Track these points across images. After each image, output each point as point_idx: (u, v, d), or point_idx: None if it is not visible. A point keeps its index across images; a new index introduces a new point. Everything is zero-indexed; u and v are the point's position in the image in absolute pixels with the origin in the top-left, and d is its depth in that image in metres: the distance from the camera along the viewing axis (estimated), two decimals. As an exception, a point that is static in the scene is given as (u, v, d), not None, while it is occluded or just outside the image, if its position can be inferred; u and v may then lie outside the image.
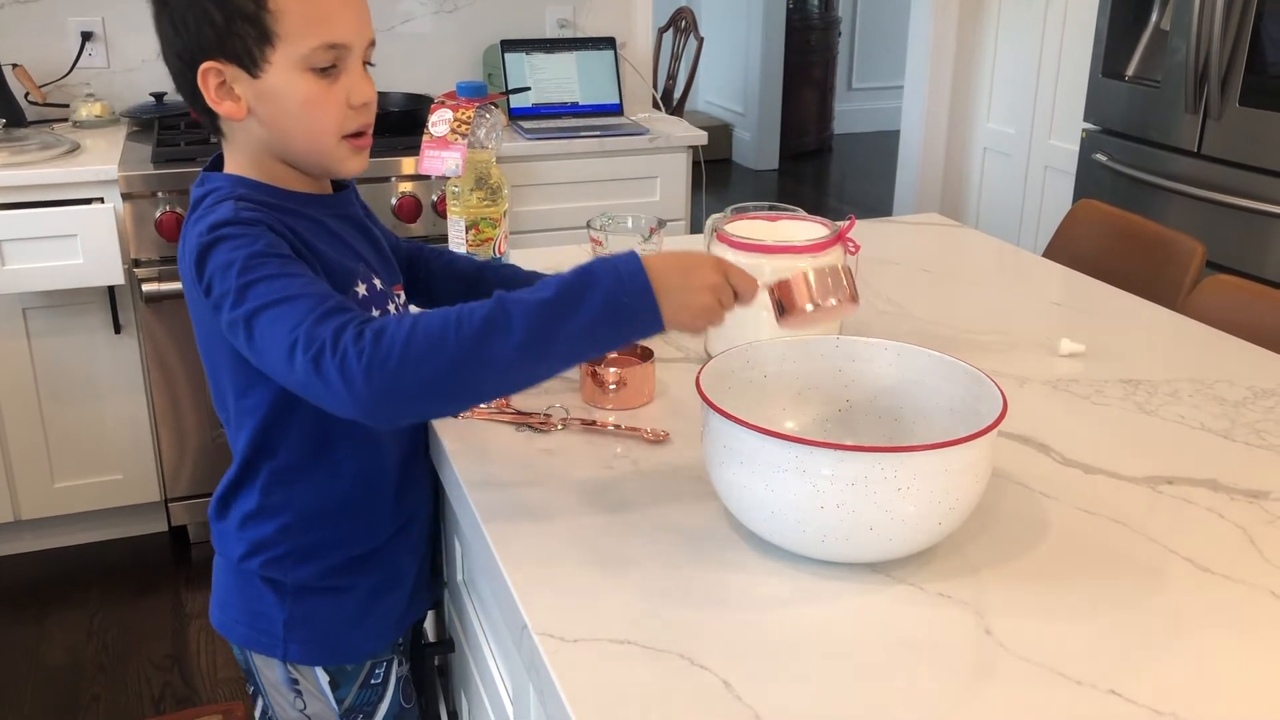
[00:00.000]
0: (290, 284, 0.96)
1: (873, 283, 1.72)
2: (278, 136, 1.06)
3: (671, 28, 5.03)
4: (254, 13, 1.01)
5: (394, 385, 0.90)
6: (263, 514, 1.16)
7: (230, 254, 0.98)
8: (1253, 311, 1.67)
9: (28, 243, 2.33)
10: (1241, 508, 1.09)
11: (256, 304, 0.96)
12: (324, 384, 0.91)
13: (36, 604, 2.54)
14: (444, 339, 0.91)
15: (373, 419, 0.93)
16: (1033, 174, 3.61)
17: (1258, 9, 2.43)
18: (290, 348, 0.93)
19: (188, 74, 1.04)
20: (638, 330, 0.96)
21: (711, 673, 0.84)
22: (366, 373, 0.90)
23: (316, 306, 0.94)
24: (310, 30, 1.02)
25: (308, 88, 1.04)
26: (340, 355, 0.90)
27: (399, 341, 0.90)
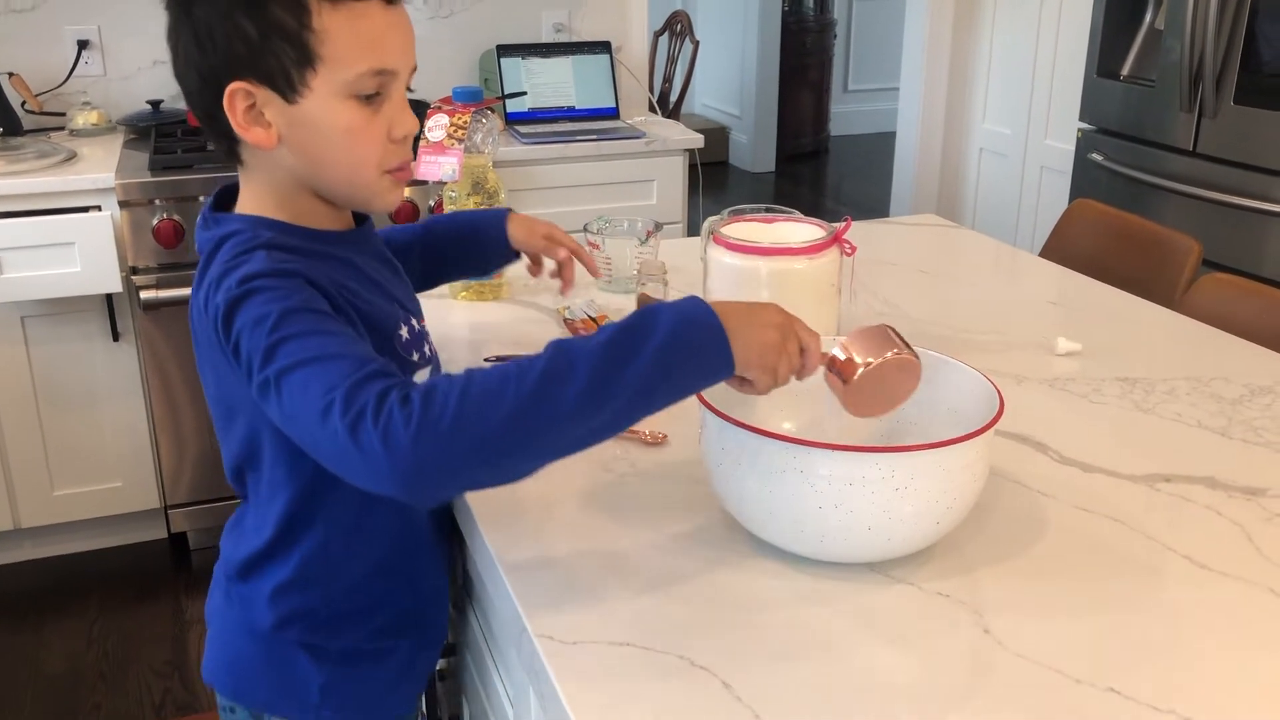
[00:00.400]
0: (327, 342, 0.86)
1: (870, 284, 1.73)
2: (312, 167, 0.97)
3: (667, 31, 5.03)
4: (296, 31, 0.90)
5: (444, 450, 0.79)
6: (300, 584, 1.06)
7: (263, 308, 0.88)
8: (1249, 309, 1.67)
9: (25, 251, 2.33)
10: (1239, 505, 1.09)
11: (288, 361, 0.85)
12: (360, 453, 0.79)
13: (36, 612, 2.54)
14: (501, 392, 0.80)
15: (412, 491, 0.81)
16: (1029, 174, 3.62)
17: (1251, 7, 2.43)
18: (324, 410, 0.81)
19: (209, 94, 0.93)
20: (707, 367, 0.87)
21: (711, 673, 0.84)
22: (415, 438, 0.78)
23: (358, 368, 0.83)
24: (358, 54, 0.92)
25: (350, 116, 0.94)
26: (384, 420, 0.79)
27: (452, 400, 0.79)
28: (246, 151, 0.97)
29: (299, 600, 1.07)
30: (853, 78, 7.26)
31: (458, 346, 1.51)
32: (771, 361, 0.90)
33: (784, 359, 0.91)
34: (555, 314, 1.59)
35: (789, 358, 0.92)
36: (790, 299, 1.31)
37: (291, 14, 0.90)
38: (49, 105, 2.83)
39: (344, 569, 1.07)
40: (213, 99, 0.93)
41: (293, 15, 0.90)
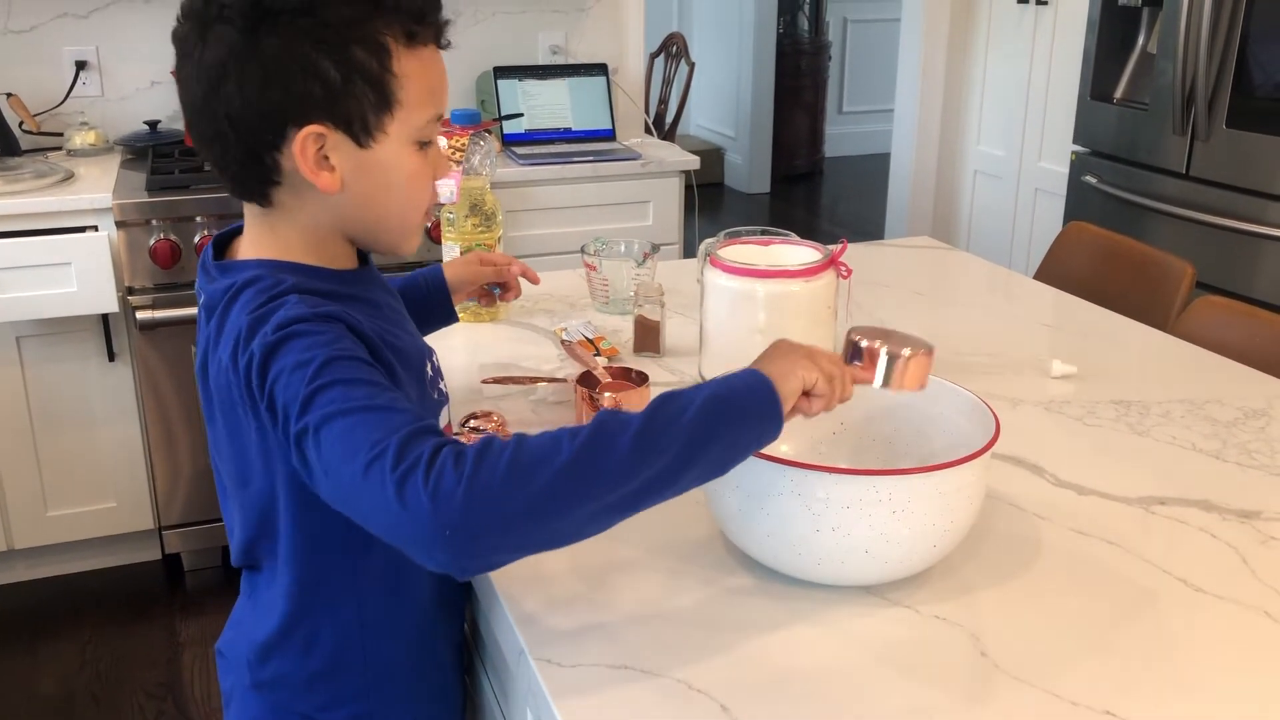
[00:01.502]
0: (375, 393, 0.81)
1: (866, 306, 1.73)
2: (366, 211, 0.93)
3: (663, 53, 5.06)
4: (378, 75, 0.87)
5: (496, 508, 0.75)
6: (338, 671, 1.00)
7: (304, 353, 0.82)
8: (1243, 331, 1.68)
9: (22, 271, 2.33)
10: (1234, 528, 1.09)
11: (332, 409, 0.79)
12: (406, 509, 0.74)
13: (29, 633, 2.52)
14: (555, 449, 0.78)
15: (460, 553, 0.76)
16: (1023, 196, 3.63)
17: (1243, 31, 2.45)
18: (371, 461, 0.76)
19: (266, 133, 0.87)
20: (753, 406, 0.86)
21: (709, 696, 0.84)
22: (467, 495, 0.74)
23: (410, 421, 0.79)
24: (428, 100, 0.91)
25: (414, 161, 0.92)
26: (435, 476, 0.74)
27: (505, 458, 0.76)
28: (288, 195, 0.92)
29: (340, 687, 1.01)
30: (847, 99, 7.30)
31: (455, 368, 1.51)
32: (813, 375, 0.90)
33: (817, 378, 0.90)
34: (552, 335, 1.60)
35: (823, 379, 0.91)
36: (787, 321, 1.32)
37: (374, 56, 0.87)
38: (46, 125, 2.84)
39: (381, 644, 1.01)
40: (269, 139, 0.88)
41: (375, 58, 0.87)
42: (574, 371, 1.38)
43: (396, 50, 0.88)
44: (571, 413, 1.33)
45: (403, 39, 0.88)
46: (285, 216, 0.93)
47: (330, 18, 0.85)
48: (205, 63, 0.87)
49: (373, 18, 0.87)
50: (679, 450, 0.81)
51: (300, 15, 0.85)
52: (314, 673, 1.01)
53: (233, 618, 1.08)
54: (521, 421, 1.32)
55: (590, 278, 1.71)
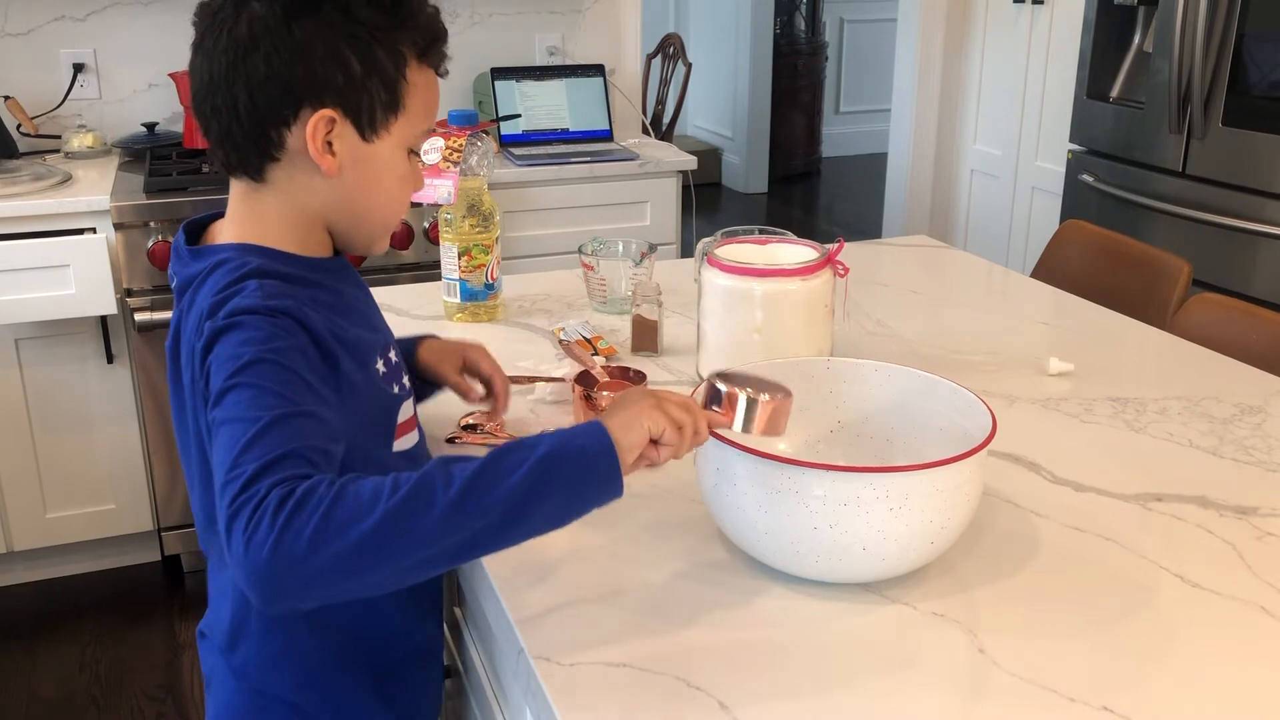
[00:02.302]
0: (281, 404, 0.83)
1: (862, 304, 1.74)
2: (354, 203, 0.98)
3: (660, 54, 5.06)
4: (393, 77, 0.95)
5: (299, 565, 0.76)
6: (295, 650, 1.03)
7: (237, 347, 0.86)
8: (1239, 329, 1.68)
9: (20, 273, 2.33)
10: (1230, 524, 1.10)
11: (232, 414, 0.83)
12: (229, 546, 0.77)
13: (29, 635, 2.52)
14: (371, 506, 0.78)
15: (264, 601, 0.77)
16: (1020, 195, 3.64)
17: (1239, 30, 2.46)
18: (226, 481, 0.79)
19: (281, 109, 0.93)
20: (589, 465, 0.85)
21: (707, 694, 0.84)
22: (273, 551, 0.75)
23: (284, 445, 0.80)
24: (425, 112, 0.99)
25: (404, 166, 1.00)
26: (256, 522, 0.76)
27: (319, 512, 0.76)
28: (281, 173, 0.96)
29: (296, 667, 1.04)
30: (844, 99, 7.30)
31: (453, 368, 1.51)
32: (659, 425, 0.89)
33: (668, 413, 0.90)
34: (550, 335, 1.60)
35: (671, 425, 0.90)
36: (784, 320, 1.33)
37: (392, 61, 0.94)
38: (44, 128, 2.84)
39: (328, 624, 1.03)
40: (282, 115, 0.93)
41: (393, 62, 0.95)
42: (572, 371, 1.38)
43: (410, 61, 0.96)
44: (570, 412, 1.33)
45: (416, 54, 0.97)
46: (274, 195, 0.97)
47: (362, 17, 0.93)
48: (237, 35, 0.92)
49: (397, 28, 0.95)
50: (503, 512, 0.81)
51: (337, 9, 0.92)
52: (275, 653, 1.03)
53: (210, 598, 1.10)
54: (520, 421, 1.32)
55: (588, 278, 1.71)
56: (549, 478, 0.83)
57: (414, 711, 1.14)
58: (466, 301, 1.66)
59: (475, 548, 0.82)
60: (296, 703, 1.05)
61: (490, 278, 1.66)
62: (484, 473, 0.81)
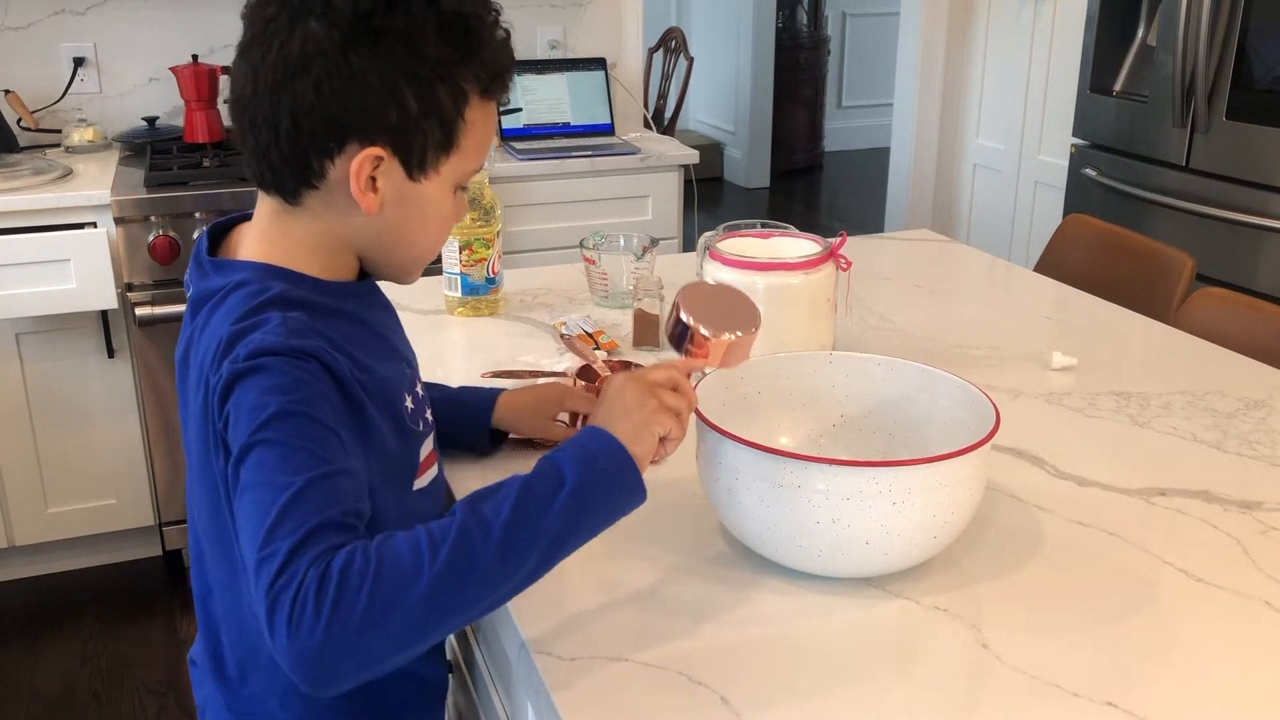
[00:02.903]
0: (311, 465, 0.79)
1: (865, 298, 1.73)
2: (392, 239, 0.93)
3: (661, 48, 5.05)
4: (451, 117, 0.88)
5: (352, 649, 0.74)
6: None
7: (262, 396, 0.81)
8: (1243, 323, 1.68)
9: (21, 268, 2.33)
10: (1235, 518, 1.09)
11: (259, 477, 0.79)
12: (272, 633, 0.74)
13: (30, 630, 2.52)
14: (416, 572, 0.76)
15: (314, 685, 0.75)
16: (1022, 189, 3.63)
17: (1243, 23, 2.45)
18: (261, 559, 0.76)
19: (326, 140, 0.87)
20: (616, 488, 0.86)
21: (709, 689, 0.84)
22: (325, 639, 0.73)
23: (316, 514, 0.77)
24: (479, 149, 0.93)
25: (450, 205, 0.94)
26: (299, 609, 0.73)
27: (365, 590, 0.74)
28: (317, 201, 0.90)
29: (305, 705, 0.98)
30: (846, 94, 7.29)
31: (454, 362, 1.51)
32: (667, 424, 0.89)
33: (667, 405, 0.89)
34: (552, 329, 1.60)
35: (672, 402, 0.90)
36: (786, 314, 1.32)
37: (453, 99, 0.88)
38: (45, 122, 2.84)
39: None
40: (328, 145, 0.87)
41: (453, 101, 0.88)
42: (573, 365, 1.38)
43: (472, 99, 0.90)
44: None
45: (478, 90, 0.90)
46: (306, 219, 0.92)
47: (427, 53, 0.86)
48: (288, 52, 0.85)
49: (461, 64, 0.88)
50: (543, 552, 0.81)
51: (400, 43, 0.85)
52: (286, 687, 0.96)
53: (201, 625, 1.04)
54: (521, 415, 1.32)
55: (589, 272, 1.71)
56: (582, 510, 0.83)
57: None
58: (468, 296, 1.65)
59: (517, 590, 0.82)
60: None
61: (491, 272, 1.65)
62: (518, 516, 0.80)
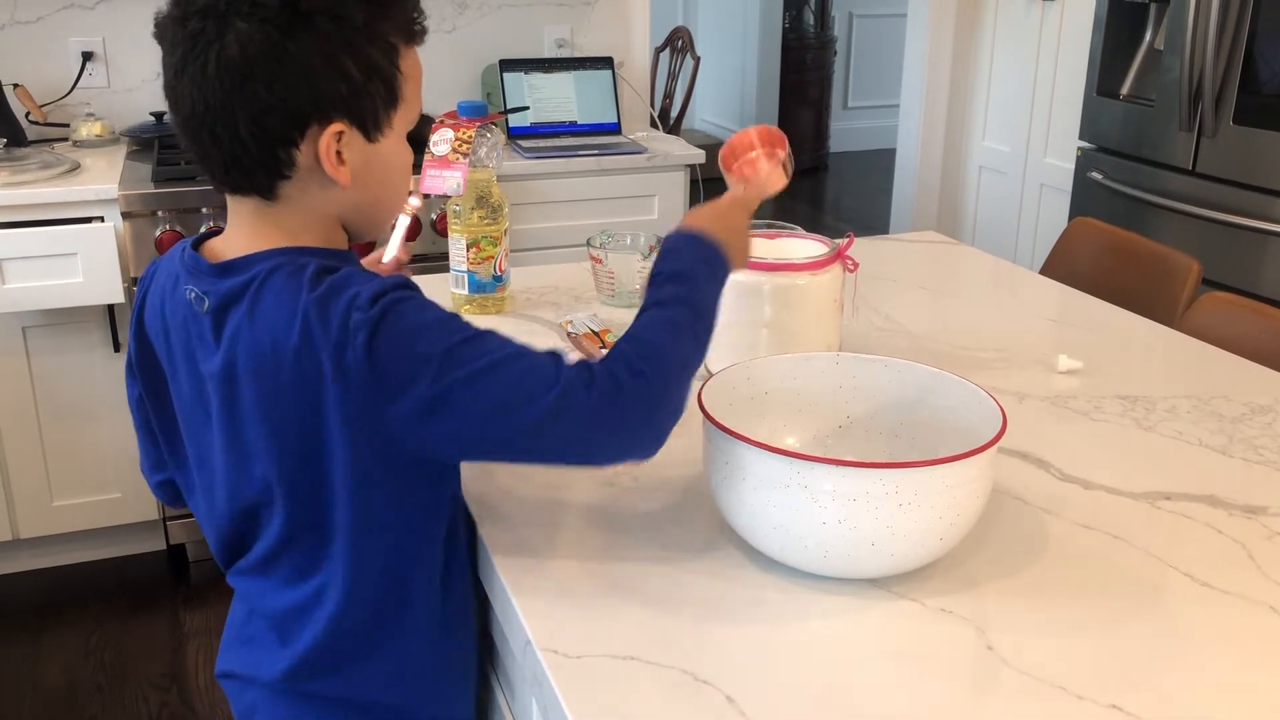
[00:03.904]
0: (502, 341, 0.89)
1: (871, 300, 1.73)
2: (370, 201, 0.98)
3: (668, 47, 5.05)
4: (389, 74, 0.93)
5: (676, 394, 0.93)
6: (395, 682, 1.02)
7: (416, 316, 0.87)
8: (1249, 328, 1.67)
9: (28, 261, 2.34)
10: (1240, 523, 1.09)
11: (486, 360, 0.86)
12: (621, 417, 0.89)
13: (34, 623, 2.53)
14: (679, 343, 0.95)
15: (662, 434, 0.92)
16: (1028, 192, 3.63)
17: (1250, 28, 2.45)
18: (568, 389, 0.86)
19: (288, 131, 0.90)
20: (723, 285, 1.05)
21: (715, 688, 0.84)
22: (665, 391, 0.91)
23: (552, 357, 0.89)
24: (417, 94, 0.97)
25: (407, 153, 0.99)
26: (632, 386, 0.88)
27: (662, 358, 0.91)
28: (294, 188, 0.94)
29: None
30: (853, 94, 7.29)
31: (460, 360, 1.51)
32: (741, 234, 1.14)
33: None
34: (558, 327, 1.60)
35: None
36: (793, 315, 1.33)
37: (386, 56, 0.92)
38: (53, 116, 2.84)
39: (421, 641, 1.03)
40: (288, 136, 0.90)
41: (386, 57, 0.92)
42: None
43: (400, 49, 0.94)
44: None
45: (403, 39, 0.94)
46: (288, 207, 0.95)
47: (354, 20, 0.90)
48: (228, 58, 0.87)
49: (384, 20, 0.92)
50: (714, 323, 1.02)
51: (329, 19, 0.89)
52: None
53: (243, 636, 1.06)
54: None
55: (596, 270, 1.71)
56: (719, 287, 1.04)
57: None
58: (474, 293, 1.65)
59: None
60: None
61: (498, 270, 1.65)
62: (699, 306, 1.00)
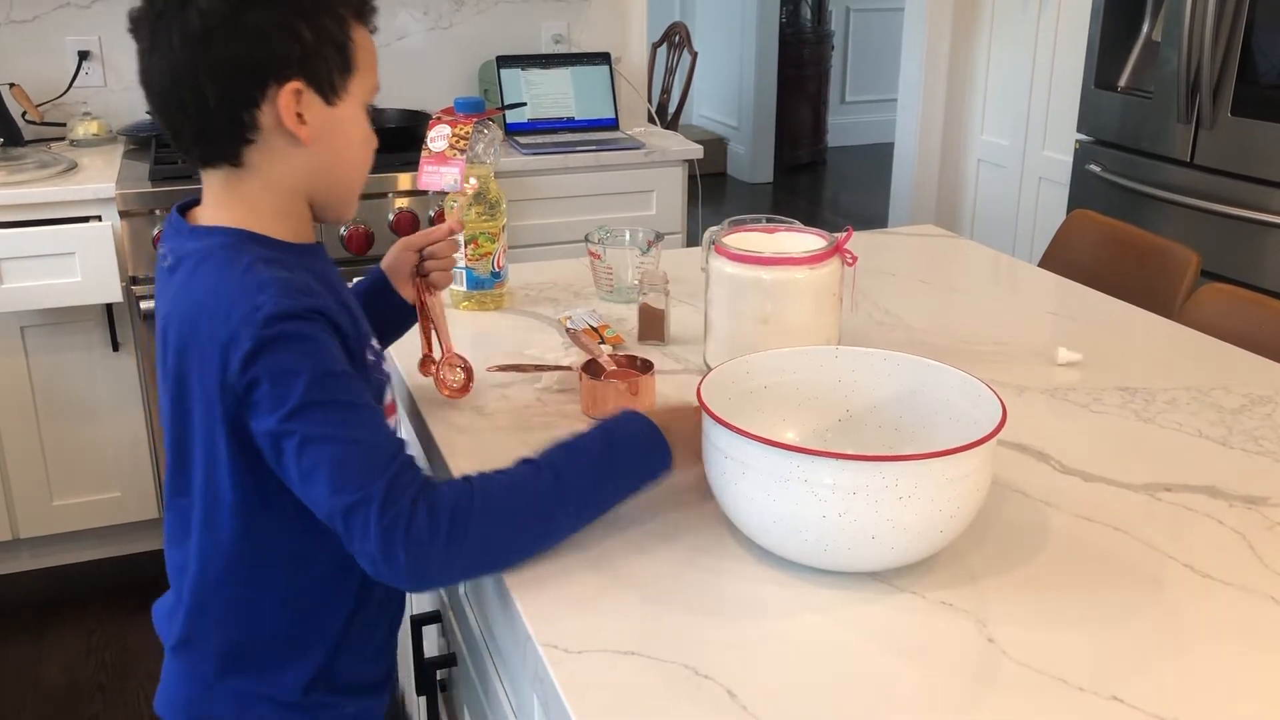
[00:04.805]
0: (361, 419, 0.93)
1: (870, 294, 1.73)
2: (331, 169, 1.03)
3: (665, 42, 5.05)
4: (342, 41, 1.00)
5: (462, 569, 0.96)
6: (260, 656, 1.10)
7: (297, 362, 0.92)
8: (1248, 319, 1.67)
9: (26, 261, 2.33)
10: (1240, 514, 1.09)
11: (317, 431, 0.91)
12: (386, 559, 0.90)
13: (35, 622, 2.53)
14: (513, 516, 0.96)
15: (417, 589, 0.99)
16: (1027, 185, 3.63)
17: (1248, 19, 2.45)
18: (355, 504, 0.90)
19: (249, 92, 0.96)
20: (653, 469, 1.05)
21: (715, 682, 0.84)
22: (445, 559, 0.91)
23: (391, 459, 0.92)
24: (372, 68, 1.04)
25: (365, 125, 1.05)
26: (415, 536, 0.89)
27: (474, 524, 0.92)
28: (259, 153, 1.00)
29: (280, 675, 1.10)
30: (850, 89, 7.28)
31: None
32: (694, 436, 1.05)
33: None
34: (557, 323, 1.60)
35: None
36: (791, 309, 1.32)
37: (337, 25, 0.99)
38: (49, 115, 2.84)
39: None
40: (250, 97, 0.97)
41: (338, 26, 0.99)
42: (578, 360, 1.38)
43: (351, 22, 1.01)
44: (576, 400, 1.33)
45: (353, 15, 1.02)
46: (254, 176, 1.01)
47: None
48: (189, 30, 0.95)
49: None
50: (599, 513, 1.03)
51: None
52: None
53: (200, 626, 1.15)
54: (527, 408, 1.32)
55: (594, 266, 1.71)
56: (629, 482, 1.04)
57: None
58: (473, 290, 1.65)
59: (575, 529, 1.02)
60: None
61: (496, 266, 1.65)
62: (586, 485, 1.01)
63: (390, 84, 3.05)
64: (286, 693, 1.09)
